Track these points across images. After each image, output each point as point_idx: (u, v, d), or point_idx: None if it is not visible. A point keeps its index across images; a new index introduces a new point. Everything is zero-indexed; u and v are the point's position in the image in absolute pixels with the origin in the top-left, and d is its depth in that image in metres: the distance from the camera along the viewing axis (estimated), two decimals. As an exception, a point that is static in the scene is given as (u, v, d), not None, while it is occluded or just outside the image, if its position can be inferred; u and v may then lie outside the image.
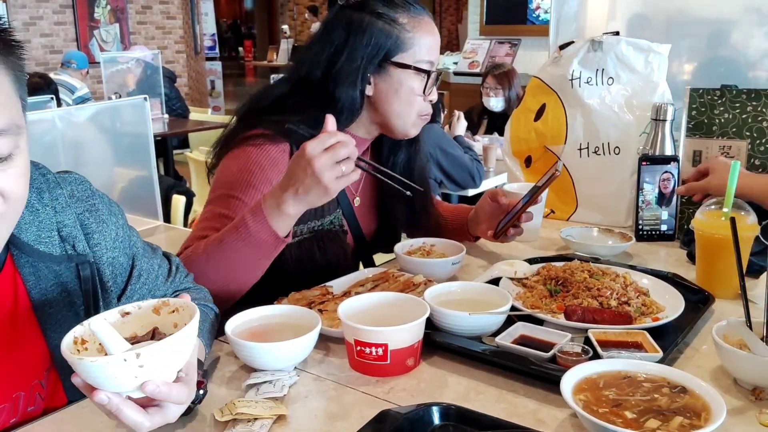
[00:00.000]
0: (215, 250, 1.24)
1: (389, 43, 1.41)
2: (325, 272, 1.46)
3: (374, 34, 1.40)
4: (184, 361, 0.83)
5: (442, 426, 0.90)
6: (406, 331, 1.07)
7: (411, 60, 1.43)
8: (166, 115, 6.23)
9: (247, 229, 1.21)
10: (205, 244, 1.26)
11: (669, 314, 1.23)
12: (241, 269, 1.25)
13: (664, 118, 1.79)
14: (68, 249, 1.00)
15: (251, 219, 1.21)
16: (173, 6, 10.08)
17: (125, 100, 3.40)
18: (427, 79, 1.44)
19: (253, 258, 1.24)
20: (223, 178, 1.41)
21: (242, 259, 1.23)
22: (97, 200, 1.06)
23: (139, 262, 1.12)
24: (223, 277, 1.25)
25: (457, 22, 12.67)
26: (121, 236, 1.08)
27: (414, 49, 1.42)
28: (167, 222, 3.29)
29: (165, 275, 1.18)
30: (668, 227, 1.76)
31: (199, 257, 1.26)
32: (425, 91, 1.46)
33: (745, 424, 0.94)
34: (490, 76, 4.51)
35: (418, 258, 1.51)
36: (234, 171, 1.39)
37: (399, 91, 1.44)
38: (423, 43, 1.43)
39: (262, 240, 1.21)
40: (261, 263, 1.26)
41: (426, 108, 1.49)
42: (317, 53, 1.44)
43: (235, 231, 1.23)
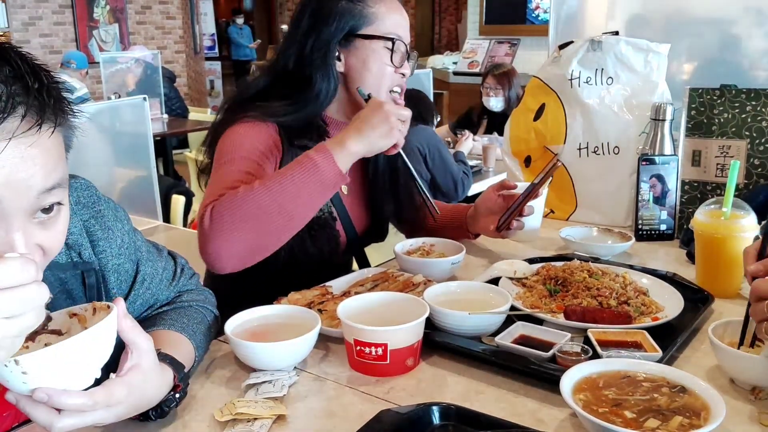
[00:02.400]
0: (277, 184, 1.24)
1: (353, 20, 1.47)
2: (317, 260, 1.47)
3: (338, 13, 1.46)
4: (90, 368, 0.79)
5: (442, 426, 0.90)
6: (406, 331, 1.07)
7: (376, 32, 1.47)
8: (165, 115, 6.23)
9: (314, 163, 1.25)
10: (260, 182, 1.25)
11: (668, 314, 1.23)
12: (303, 202, 1.27)
13: (663, 118, 1.79)
14: (74, 257, 1.01)
15: (316, 154, 1.27)
16: (172, 6, 10.08)
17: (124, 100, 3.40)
18: (392, 48, 1.47)
19: (317, 191, 1.28)
20: (226, 147, 1.41)
21: (306, 191, 1.26)
22: (103, 206, 1.06)
23: (143, 267, 1.12)
24: (284, 209, 1.24)
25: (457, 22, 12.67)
26: (126, 242, 1.08)
27: (377, 22, 1.48)
28: (167, 222, 3.29)
29: (170, 278, 1.18)
30: (667, 227, 1.76)
31: (256, 191, 1.23)
32: (393, 61, 1.48)
33: (745, 423, 0.94)
34: (490, 75, 4.51)
35: (418, 258, 1.51)
36: (235, 138, 1.42)
37: (367, 62, 1.48)
38: (387, 18, 1.48)
39: (326, 173, 1.26)
40: (322, 197, 1.30)
41: (398, 81, 1.52)
42: (289, 42, 1.51)
43: (299, 165, 1.26)
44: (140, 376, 0.86)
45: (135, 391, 0.85)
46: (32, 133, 0.73)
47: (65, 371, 0.76)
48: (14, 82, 0.72)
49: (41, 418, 0.78)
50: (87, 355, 0.78)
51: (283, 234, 1.28)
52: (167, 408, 0.93)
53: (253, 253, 1.26)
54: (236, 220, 1.22)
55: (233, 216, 1.22)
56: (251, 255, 1.26)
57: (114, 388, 0.82)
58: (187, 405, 1.00)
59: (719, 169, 1.75)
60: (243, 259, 1.26)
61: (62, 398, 0.77)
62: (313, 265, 1.48)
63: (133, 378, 0.85)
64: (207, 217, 1.22)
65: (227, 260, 1.24)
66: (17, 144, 0.72)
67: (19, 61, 0.74)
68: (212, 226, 1.22)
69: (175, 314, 1.11)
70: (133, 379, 0.85)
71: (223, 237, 1.21)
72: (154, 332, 1.03)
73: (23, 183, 0.74)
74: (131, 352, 0.86)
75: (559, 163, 1.46)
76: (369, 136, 1.30)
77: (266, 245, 1.28)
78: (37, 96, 0.74)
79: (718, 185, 1.75)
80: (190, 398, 1.01)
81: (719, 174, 1.75)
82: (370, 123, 1.31)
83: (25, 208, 0.75)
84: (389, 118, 1.31)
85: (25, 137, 0.72)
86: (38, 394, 0.75)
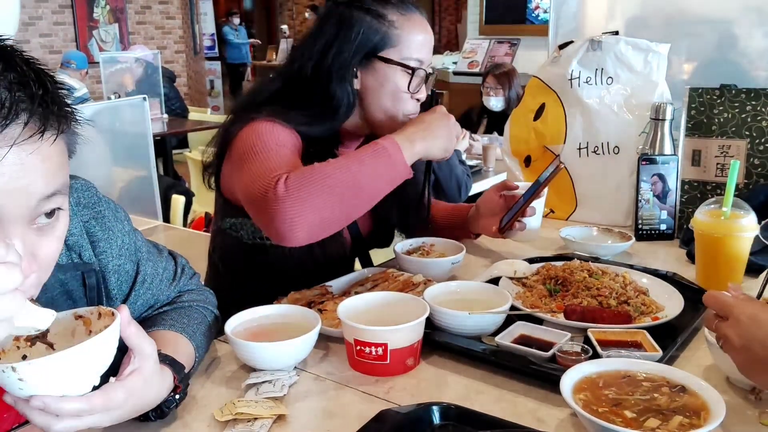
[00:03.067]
0: (355, 163, 1.26)
1: (376, 39, 1.42)
2: (325, 266, 1.47)
3: (362, 29, 1.42)
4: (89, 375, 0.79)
5: (442, 425, 0.90)
6: (406, 331, 1.07)
7: (397, 56, 1.43)
8: (165, 115, 6.23)
9: (386, 152, 1.28)
10: (335, 161, 1.27)
11: (668, 313, 1.23)
12: (376, 185, 1.29)
13: (663, 118, 1.79)
14: (74, 258, 1.01)
15: (388, 144, 1.29)
16: (172, 6, 10.07)
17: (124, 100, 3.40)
18: (411, 76, 1.44)
19: (387, 178, 1.30)
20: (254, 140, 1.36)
21: (379, 176, 1.28)
22: (103, 207, 1.06)
23: (143, 267, 1.12)
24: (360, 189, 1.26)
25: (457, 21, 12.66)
26: (126, 243, 1.08)
27: (401, 45, 1.43)
28: (166, 222, 3.29)
29: (170, 278, 1.18)
30: (667, 226, 1.76)
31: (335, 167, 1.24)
32: (410, 89, 1.45)
33: (745, 423, 0.94)
34: (491, 75, 4.50)
35: (418, 258, 1.51)
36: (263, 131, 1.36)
37: (384, 87, 1.45)
38: (411, 41, 1.44)
39: (396, 164, 1.29)
40: (390, 185, 1.31)
41: (413, 107, 1.49)
42: (309, 48, 1.46)
43: (372, 151, 1.28)
44: (141, 380, 0.85)
45: (135, 394, 0.85)
46: (34, 140, 0.72)
47: (63, 379, 0.76)
48: (18, 88, 0.71)
49: (39, 420, 0.78)
50: (86, 364, 0.78)
51: (353, 213, 1.29)
52: (167, 409, 0.93)
53: (326, 227, 1.25)
54: (315, 191, 1.20)
55: (312, 186, 1.20)
56: (323, 228, 1.25)
57: (113, 393, 0.82)
58: (187, 405, 1.00)
59: (719, 169, 1.76)
60: (315, 231, 1.23)
61: (58, 404, 0.76)
62: (319, 265, 1.48)
63: (134, 382, 0.84)
64: (281, 186, 1.19)
65: (301, 230, 1.20)
66: (18, 151, 0.71)
67: (24, 66, 0.73)
68: (289, 193, 1.18)
69: (175, 314, 1.11)
70: (133, 384, 0.84)
71: (300, 206, 1.19)
72: (154, 332, 1.03)
73: (23, 190, 0.73)
74: (134, 357, 0.85)
75: (561, 166, 1.46)
76: (433, 142, 1.35)
77: (338, 221, 1.27)
78: (41, 103, 0.73)
79: (718, 185, 1.75)
80: (190, 398, 1.01)
81: (719, 174, 1.75)
82: (436, 132, 1.36)
83: (24, 216, 0.75)
84: (452, 132, 1.38)
85: (26, 144, 0.72)
86: (34, 402, 0.75)
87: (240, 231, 1.50)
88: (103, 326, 0.83)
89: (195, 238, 2.79)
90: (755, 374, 0.87)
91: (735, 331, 0.86)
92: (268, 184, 1.21)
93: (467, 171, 3.45)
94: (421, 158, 1.36)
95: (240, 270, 1.55)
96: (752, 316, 0.84)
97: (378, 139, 1.31)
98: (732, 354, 0.88)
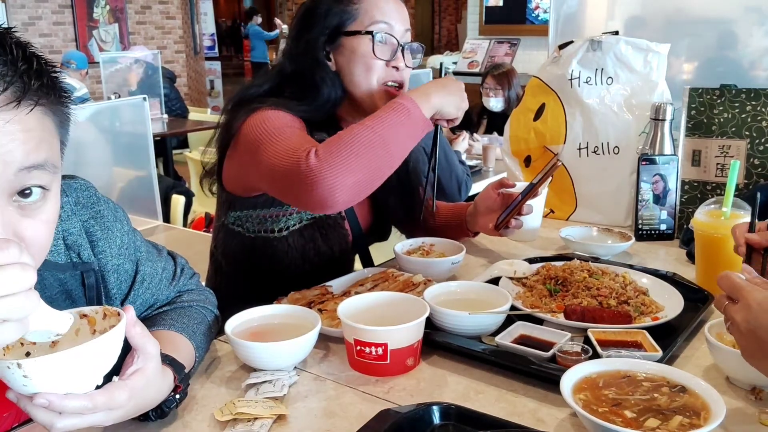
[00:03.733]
0: (379, 123, 1.30)
1: (336, 19, 1.47)
2: (328, 260, 1.48)
3: (322, 14, 1.47)
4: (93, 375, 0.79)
5: (442, 425, 0.90)
6: (406, 331, 1.07)
7: (360, 27, 1.46)
8: (165, 115, 6.23)
9: (406, 109, 1.32)
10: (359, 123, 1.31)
11: (668, 313, 1.23)
12: (402, 141, 1.33)
13: (663, 118, 1.79)
14: (73, 257, 1.01)
15: (404, 100, 1.33)
16: (172, 6, 10.07)
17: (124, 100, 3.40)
18: (373, 39, 1.45)
19: (410, 133, 1.34)
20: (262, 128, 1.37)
21: (404, 132, 1.32)
22: (103, 206, 1.06)
23: (143, 267, 1.12)
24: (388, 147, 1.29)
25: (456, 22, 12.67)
26: (126, 243, 1.08)
27: (361, 17, 1.46)
28: (167, 222, 3.29)
29: (169, 278, 1.18)
30: (667, 227, 1.76)
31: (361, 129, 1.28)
32: (376, 53, 1.46)
33: (745, 423, 0.94)
34: (490, 76, 4.51)
35: (418, 258, 1.51)
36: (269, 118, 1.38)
37: (352, 59, 1.47)
38: (371, 10, 1.47)
39: (417, 118, 1.33)
40: (414, 140, 1.36)
41: (390, 75, 1.49)
42: (286, 46, 1.55)
43: (392, 110, 1.32)
44: (143, 380, 0.86)
45: (137, 394, 0.85)
46: (10, 109, 0.73)
47: (67, 378, 0.77)
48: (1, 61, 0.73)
49: (41, 417, 0.78)
50: (91, 363, 0.78)
51: (386, 171, 1.32)
52: (167, 408, 0.93)
53: (362, 188, 1.28)
54: (347, 155, 1.23)
55: (343, 151, 1.24)
56: (360, 190, 1.28)
57: (116, 392, 0.82)
58: (188, 405, 1.00)
59: (719, 169, 1.76)
60: (354, 193, 1.27)
61: (62, 402, 0.77)
62: (322, 259, 1.49)
63: (136, 382, 0.85)
64: (313, 158, 1.22)
65: (341, 194, 1.23)
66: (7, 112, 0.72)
67: (13, 45, 0.75)
68: (321, 164, 1.22)
69: (175, 314, 1.11)
70: (135, 383, 0.85)
71: (336, 172, 1.22)
72: (154, 332, 1.03)
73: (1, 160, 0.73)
74: (137, 357, 0.85)
75: (559, 163, 1.46)
76: (447, 98, 1.39)
77: (373, 180, 1.30)
78: (22, 75, 0.74)
79: (718, 185, 1.75)
80: (191, 398, 1.01)
81: (719, 174, 1.75)
82: (450, 88, 1.41)
83: (3, 187, 0.74)
84: (464, 93, 1.44)
85: (2, 113, 0.72)
86: (39, 399, 0.75)
87: (245, 224, 1.51)
88: (107, 326, 0.83)
89: (195, 238, 2.79)
90: (758, 360, 0.87)
91: (743, 315, 0.86)
92: (298, 158, 1.24)
93: (467, 171, 3.46)
94: (436, 114, 1.39)
95: (243, 265, 1.56)
96: (762, 302, 0.84)
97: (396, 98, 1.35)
98: (737, 337, 0.88)
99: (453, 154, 3.36)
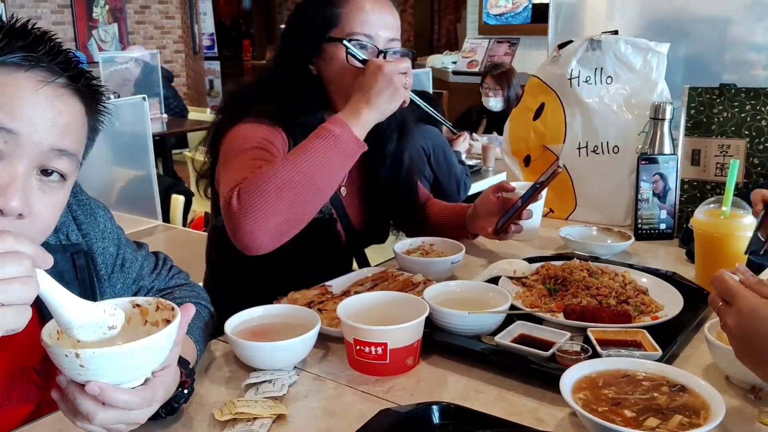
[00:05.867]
0: (302, 157, 1.25)
1: (319, 22, 1.45)
2: (320, 262, 1.47)
3: (305, 18, 1.48)
4: (145, 369, 0.81)
5: (442, 425, 0.90)
6: (406, 331, 1.07)
7: (341, 34, 1.44)
8: (164, 115, 6.22)
9: (333, 135, 1.27)
10: (283, 158, 1.27)
11: (668, 313, 1.23)
12: (329, 172, 1.27)
13: (662, 117, 1.79)
14: (62, 239, 1.04)
15: (333, 126, 1.28)
16: (172, 6, 10.06)
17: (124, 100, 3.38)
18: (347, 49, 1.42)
19: (340, 162, 1.28)
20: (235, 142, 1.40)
21: (330, 162, 1.27)
22: (84, 196, 1.11)
23: (122, 251, 1.15)
24: (312, 181, 1.24)
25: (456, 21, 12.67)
26: (109, 228, 1.12)
27: (343, 23, 1.44)
28: (166, 222, 3.29)
29: (151, 267, 1.20)
30: (667, 226, 1.76)
31: (282, 166, 1.23)
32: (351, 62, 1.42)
33: (745, 422, 0.94)
34: (489, 76, 4.51)
35: (418, 257, 1.51)
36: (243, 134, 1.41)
37: (332, 67, 1.46)
38: (353, 17, 1.44)
39: (346, 143, 1.27)
40: (344, 168, 1.31)
41: None
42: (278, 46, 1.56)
43: (319, 138, 1.27)
44: (172, 375, 0.88)
45: (168, 391, 0.88)
46: (65, 83, 0.83)
47: (122, 370, 0.78)
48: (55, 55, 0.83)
49: (85, 406, 0.79)
50: (146, 358, 0.80)
51: (314, 205, 1.28)
52: (176, 404, 0.94)
53: (287, 228, 1.24)
54: (266, 197, 1.20)
55: (262, 193, 1.20)
56: (286, 230, 1.24)
57: (156, 388, 0.84)
58: (188, 405, 1.00)
59: (719, 168, 1.76)
60: (278, 235, 1.23)
61: (114, 394, 0.78)
62: (314, 266, 1.48)
63: (167, 378, 0.86)
64: (234, 200, 1.20)
65: (262, 238, 1.21)
66: (50, 90, 0.81)
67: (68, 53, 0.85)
68: (241, 206, 1.19)
69: None
70: (167, 379, 0.86)
71: (256, 215, 1.19)
72: None
73: (43, 128, 0.80)
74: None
75: (560, 170, 1.46)
76: (378, 103, 1.30)
77: (300, 219, 1.26)
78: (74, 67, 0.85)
79: (717, 184, 1.75)
80: (191, 398, 1.01)
81: (719, 173, 1.75)
82: (376, 89, 1.30)
83: (35, 156, 0.80)
84: (392, 79, 1.29)
85: (58, 88, 0.82)
86: (91, 386, 0.77)
87: None
88: (160, 318, 0.85)
89: (195, 238, 2.78)
90: (749, 363, 0.87)
91: (735, 321, 0.86)
92: (226, 199, 1.23)
93: (466, 170, 3.47)
94: (378, 121, 1.32)
95: (236, 266, 1.55)
96: (753, 308, 0.84)
97: (326, 122, 1.29)
98: (729, 339, 0.89)
99: (452, 155, 3.36)
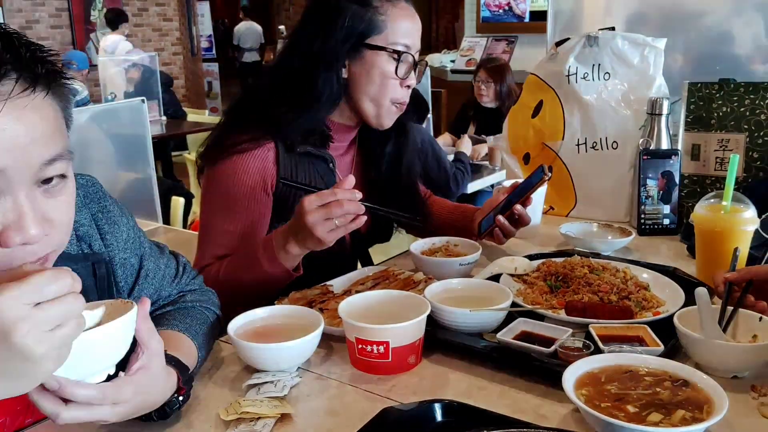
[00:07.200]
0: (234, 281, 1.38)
1: (362, 26, 1.43)
2: (325, 262, 1.47)
3: (347, 18, 1.42)
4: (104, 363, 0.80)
5: (445, 422, 0.90)
6: (407, 329, 1.07)
7: (384, 42, 1.43)
8: (163, 117, 6.22)
9: (262, 269, 1.34)
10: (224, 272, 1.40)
11: (669, 308, 1.23)
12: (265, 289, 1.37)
13: (659, 112, 1.79)
14: (84, 248, 1.03)
15: (264, 258, 1.34)
16: (169, 8, 10.07)
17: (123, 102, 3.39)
18: (398, 61, 1.44)
19: (273, 284, 1.37)
20: (218, 189, 1.47)
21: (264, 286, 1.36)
22: (109, 202, 1.09)
23: (146, 263, 1.14)
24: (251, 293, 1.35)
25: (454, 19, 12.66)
26: (131, 237, 1.11)
27: (387, 31, 1.43)
28: (166, 224, 3.29)
29: (172, 275, 1.19)
30: (670, 221, 1.76)
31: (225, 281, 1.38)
32: (398, 73, 1.45)
33: (747, 416, 0.94)
34: (483, 68, 4.49)
35: (430, 257, 1.50)
36: (225, 187, 1.45)
37: (371, 74, 1.45)
38: (397, 27, 1.44)
39: (275, 276, 1.35)
40: (275, 289, 1.38)
41: (402, 95, 1.49)
42: (296, 41, 1.49)
43: (252, 270, 1.35)
44: (148, 377, 0.86)
45: (141, 391, 0.86)
46: (27, 94, 0.76)
47: (80, 363, 0.77)
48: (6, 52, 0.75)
49: (48, 406, 0.78)
50: (102, 350, 0.79)
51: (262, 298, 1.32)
52: (170, 410, 0.93)
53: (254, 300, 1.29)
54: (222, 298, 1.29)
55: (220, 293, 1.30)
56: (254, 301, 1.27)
57: (123, 387, 0.83)
58: (190, 405, 1.00)
59: (718, 163, 1.76)
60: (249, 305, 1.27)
61: (73, 388, 0.77)
62: (319, 260, 1.48)
63: (141, 379, 0.85)
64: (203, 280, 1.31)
65: None
66: (13, 106, 0.74)
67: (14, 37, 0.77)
68: None
69: (178, 314, 1.12)
70: (140, 380, 0.85)
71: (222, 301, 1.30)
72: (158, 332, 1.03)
73: (25, 150, 0.75)
74: (142, 353, 0.86)
75: (546, 178, 1.47)
76: (303, 242, 1.29)
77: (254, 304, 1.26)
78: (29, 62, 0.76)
79: (717, 179, 1.75)
80: (193, 399, 1.01)
81: (718, 168, 1.75)
82: (300, 232, 1.28)
83: (29, 177, 0.77)
84: (314, 229, 1.23)
85: (20, 99, 0.75)
86: (49, 381, 0.75)
87: None
88: None
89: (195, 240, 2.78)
90: None
91: None
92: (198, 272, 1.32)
93: (463, 167, 3.48)
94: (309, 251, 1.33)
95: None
96: None
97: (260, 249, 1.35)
98: None
99: (440, 149, 3.40)
